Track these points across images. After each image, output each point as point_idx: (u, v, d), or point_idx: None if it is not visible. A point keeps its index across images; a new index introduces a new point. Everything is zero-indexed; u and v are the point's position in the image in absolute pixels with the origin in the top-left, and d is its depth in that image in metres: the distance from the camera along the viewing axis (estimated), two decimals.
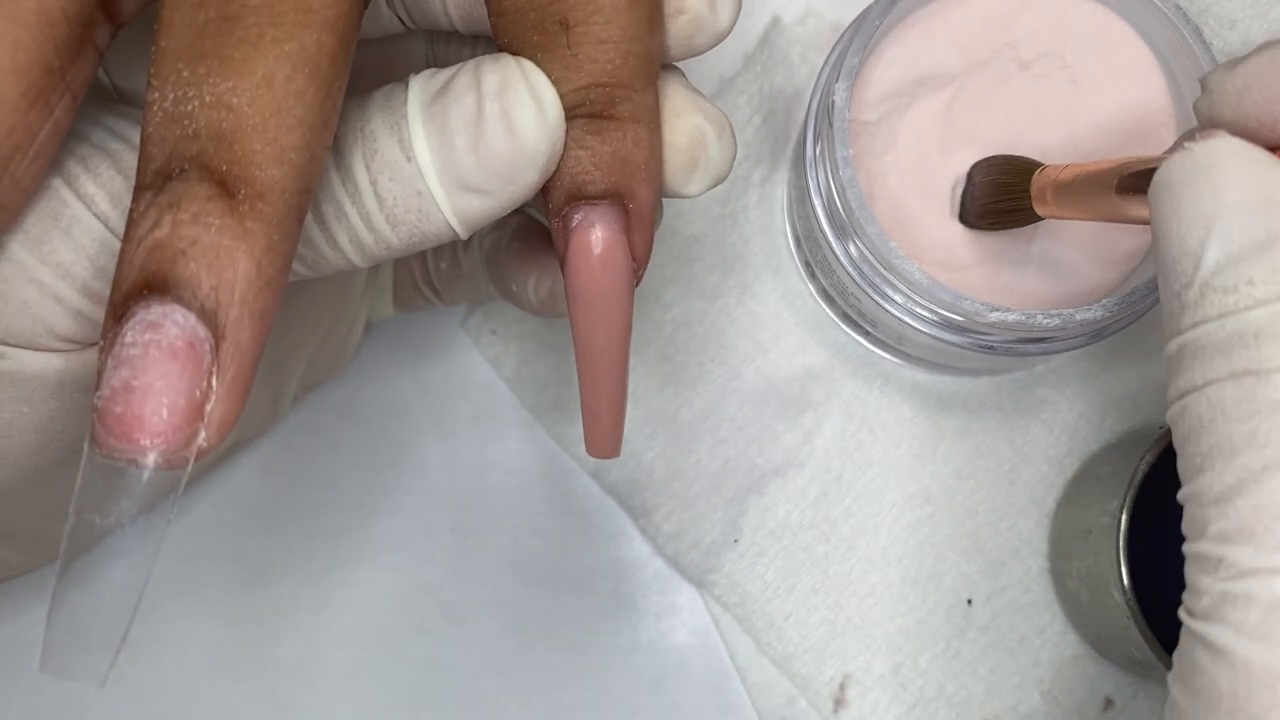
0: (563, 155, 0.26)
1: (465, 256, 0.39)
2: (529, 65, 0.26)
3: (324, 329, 0.40)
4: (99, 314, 0.25)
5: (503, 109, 0.25)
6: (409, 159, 0.26)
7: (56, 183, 0.25)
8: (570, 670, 0.44)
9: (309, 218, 0.26)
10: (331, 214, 0.26)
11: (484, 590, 0.45)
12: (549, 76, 0.26)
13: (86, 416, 0.23)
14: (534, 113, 0.25)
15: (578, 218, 0.27)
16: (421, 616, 0.44)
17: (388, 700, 0.44)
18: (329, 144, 0.24)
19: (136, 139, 0.26)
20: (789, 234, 0.45)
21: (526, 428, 0.45)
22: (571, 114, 0.26)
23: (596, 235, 0.27)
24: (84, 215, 0.25)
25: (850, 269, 0.38)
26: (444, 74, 0.26)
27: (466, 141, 0.25)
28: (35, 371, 0.26)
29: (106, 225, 0.25)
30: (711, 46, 0.29)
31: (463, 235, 0.27)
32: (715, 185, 0.29)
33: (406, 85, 0.26)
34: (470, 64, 0.26)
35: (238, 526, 0.43)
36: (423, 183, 0.26)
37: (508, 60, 0.26)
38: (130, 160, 0.26)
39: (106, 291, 0.23)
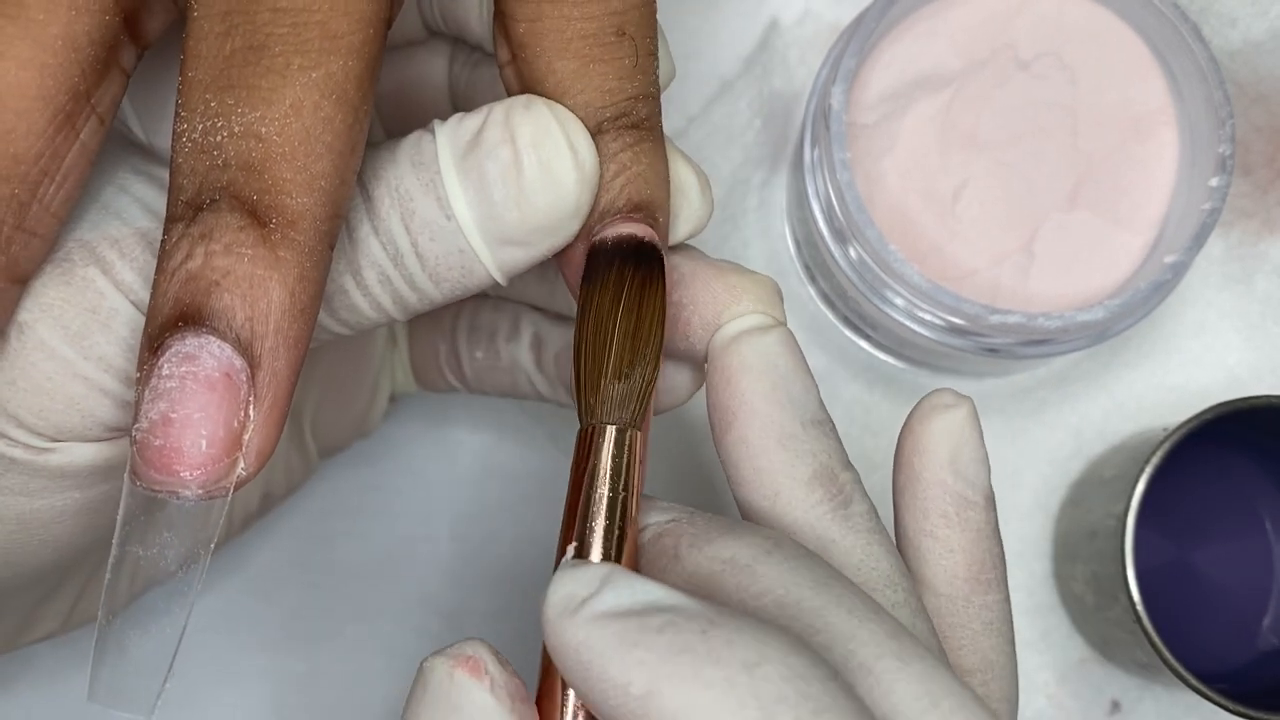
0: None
1: (507, 347, 0.37)
2: (562, 111, 0.25)
3: (344, 381, 0.38)
4: None
5: (541, 161, 0.25)
6: (449, 218, 0.25)
7: (92, 273, 0.25)
8: None
9: (350, 282, 0.25)
10: (374, 279, 0.26)
11: (484, 598, 0.44)
12: (599, 85, 0.25)
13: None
14: (573, 164, 0.25)
15: (608, 231, 0.26)
16: (422, 625, 0.44)
17: (388, 708, 0.44)
18: (358, 168, 0.24)
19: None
20: (789, 238, 0.45)
21: (527, 434, 0.45)
22: (615, 125, 0.25)
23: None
24: (123, 306, 0.25)
25: (850, 273, 0.38)
26: (472, 120, 0.25)
27: (507, 197, 0.25)
28: (86, 462, 0.26)
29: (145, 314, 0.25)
30: None
31: (504, 284, 0.26)
32: (695, 234, 0.28)
33: (433, 134, 0.26)
34: (499, 110, 0.25)
35: (237, 535, 0.43)
36: (464, 241, 0.25)
37: (539, 107, 0.25)
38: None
39: None
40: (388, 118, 0.35)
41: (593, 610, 0.21)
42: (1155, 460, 0.38)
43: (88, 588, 0.33)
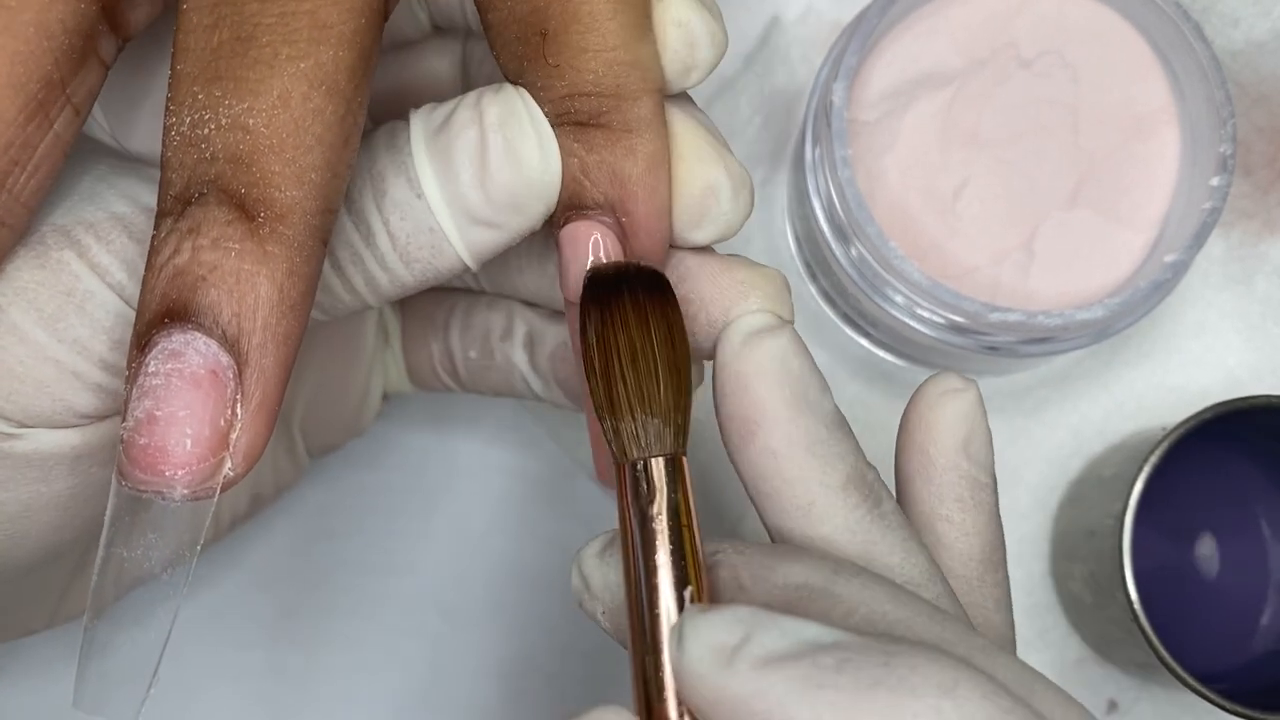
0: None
1: (500, 346, 0.36)
2: (529, 97, 0.25)
3: (334, 380, 0.38)
4: (119, 386, 0.25)
5: (505, 141, 0.25)
6: (418, 196, 0.25)
7: (68, 255, 0.25)
8: (572, 674, 0.44)
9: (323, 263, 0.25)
10: (347, 258, 0.26)
11: (484, 594, 0.44)
12: (531, 83, 0.25)
13: (105, 492, 0.23)
14: (536, 144, 0.25)
15: (567, 230, 0.26)
16: (421, 620, 0.44)
17: (388, 704, 0.44)
18: (352, 162, 0.24)
19: (150, 200, 0.25)
20: (789, 235, 0.45)
21: (527, 430, 0.45)
22: (557, 123, 0.26)
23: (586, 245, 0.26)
24: (98, 288, 0.25)
25: (850, 270, 0.38)
26: (445, 107, 0.26)
27: (472, 176, 0.25)
28: (52, 449, 0.25)
29: (121, 296, 0.25)
30: (689, 86, 0.28)
31: (474, 268, 0.26)
32: (724, 239, 0.28)
33: (409, 122, 0.26)
34: (472, 95, 0.26)
35: (235, 530, 0.43)
36: (433, 219, 0.25)
37: (509, 91, 0.25)
38: (143, 224, 0.25)
39: (125, 365, 0.23)
40: (387, 118, 0.34)
41: (753, 657, 0.21)
42: (1154, 459, 0.38)
43: (72, 586, 0.32)
